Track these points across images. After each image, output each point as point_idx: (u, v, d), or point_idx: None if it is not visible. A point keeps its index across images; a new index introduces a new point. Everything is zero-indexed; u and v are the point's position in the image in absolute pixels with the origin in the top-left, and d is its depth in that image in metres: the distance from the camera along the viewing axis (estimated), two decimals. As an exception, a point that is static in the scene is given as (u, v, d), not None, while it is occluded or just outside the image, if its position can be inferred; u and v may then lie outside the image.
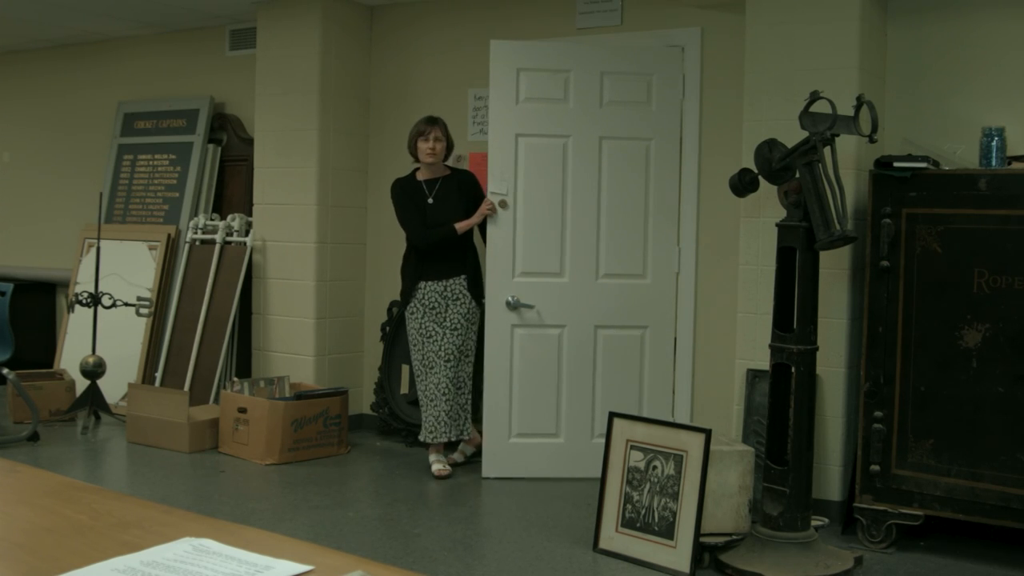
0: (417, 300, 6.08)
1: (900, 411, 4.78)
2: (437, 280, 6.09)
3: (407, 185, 6.20)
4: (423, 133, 6.07)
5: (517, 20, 6.65)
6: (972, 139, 5.06)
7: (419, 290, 6.08)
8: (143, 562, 1.58)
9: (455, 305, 6.08)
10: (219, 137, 7.90)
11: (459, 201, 6.11)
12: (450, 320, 6.06)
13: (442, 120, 6.18)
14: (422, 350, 6.07)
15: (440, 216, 6.06)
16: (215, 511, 5.15)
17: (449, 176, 6.20)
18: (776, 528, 4.47)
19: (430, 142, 6.05)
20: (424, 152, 6.07)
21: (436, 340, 6.03)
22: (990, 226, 4.57)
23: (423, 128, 6.09)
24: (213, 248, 7.37)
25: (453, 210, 6.07)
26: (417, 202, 6.12)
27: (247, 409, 6.39)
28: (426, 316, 6.07)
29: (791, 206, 4.50)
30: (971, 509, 4.64)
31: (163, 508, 1.92)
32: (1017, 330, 4.50)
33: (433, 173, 6.17)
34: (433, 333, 6.05)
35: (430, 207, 6.11)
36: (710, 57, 6.01)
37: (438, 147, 6.10)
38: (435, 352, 6.02)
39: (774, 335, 4.57)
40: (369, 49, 7.32)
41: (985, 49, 5.27)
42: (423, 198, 6.14)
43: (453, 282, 6.10)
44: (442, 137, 6.11)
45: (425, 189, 6.15)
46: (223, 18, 7.73)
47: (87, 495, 1.98)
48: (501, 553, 4.76)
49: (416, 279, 6.11)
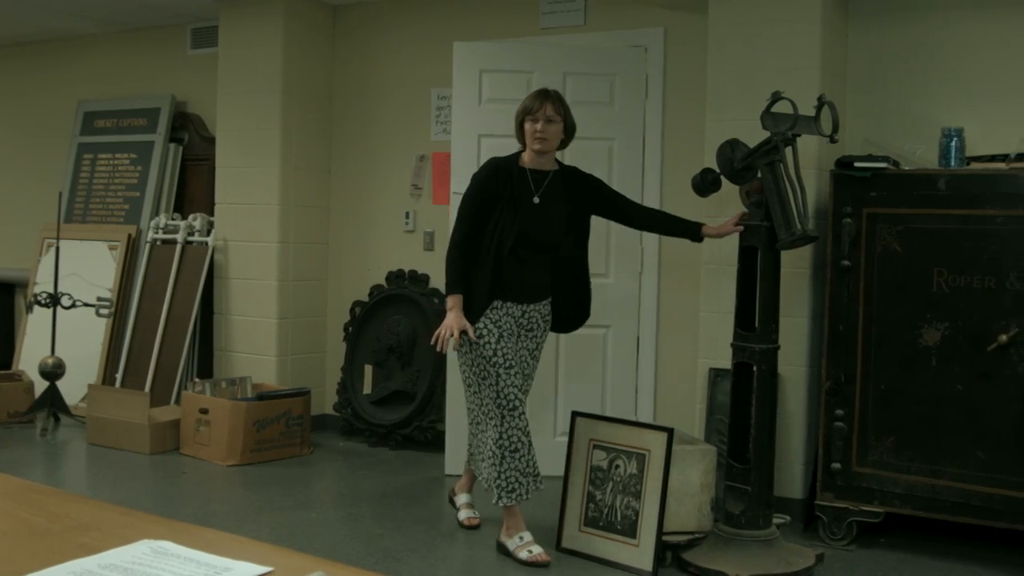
0: (490, 320, 4.66)
1: (861, 409, 4.81)
2: (516, 303, 4.74)
3: (505, 170, 4.72)
4: (531, 111, 4.68)
5: (481, 19, 6.65)
6: (932, 140, 5.10)
7: (494, 310, 4.68)
8: (100, 565, 1.56)
9: (527, 337, 4.82)
10: (180, 136, 7.85)
11: (564, 205, 4.78)
12: (517, 356, 4.72)
13: (557, 94, 4.77)
14: (496, 385, 4.59)
15: (542, 224, 4.70)
16: (176, 513, 5.11)
17: (558, 172, 4.83)
18: (738, 526, 4.49)
19: (540, 123, 4.65)
20: (531, 136, 4.68)
21: (517, 373, 4.65)
22: (949, 226, 4.61)
23: (531, 104, 4.70)
24: (174, 248, 7.32)
25: (557, 217, 4.75)
26: (518, 194, 4.68)
27: (209, 410, 6.34)
28: (502, 340, 4.64)
29: (753, 206, 4.52)
30: (931, 506, 4.68)
31: (122, 510, 1.90)
32: (976, 329, 4.55)
33: (543, 163, 4.78)
34: (514, 363, 4.64)
35: (535, 208, 4.69)
36: (673, 57, 6.03)
37: (551, 131, 4.68)
38: (517, 387, 4.61)
39: (736, 334, 4.59)
40: (332, 48, 7.29)
41: (945, 51, 5.32)
42: (527, 192, 4.71)
43: (533, 308, 4.80)
44: (557, 117, 4.69)
45: (531, 181, 4.76)
46: (185, 16, 7.68)
47: (44, 497, 1.96)
48: (465, 553, 4.76)
49: (491, 293, 4.68)
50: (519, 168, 4.74)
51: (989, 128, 5.13)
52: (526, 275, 4.71)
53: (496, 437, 4.58)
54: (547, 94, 4.73)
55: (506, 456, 4.55)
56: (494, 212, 4.67)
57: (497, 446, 4.57)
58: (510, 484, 4.57)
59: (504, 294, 4.68)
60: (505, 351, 4.61)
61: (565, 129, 4.74)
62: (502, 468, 4.57)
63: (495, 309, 4.67)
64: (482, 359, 4.62)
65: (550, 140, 4.68)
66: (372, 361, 6.91)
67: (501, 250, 4.64)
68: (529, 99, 4.73)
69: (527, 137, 4.71)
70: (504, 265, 4.65)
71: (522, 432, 4.57)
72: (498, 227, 4.65)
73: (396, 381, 6.78)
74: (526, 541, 4.60)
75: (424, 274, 6.90)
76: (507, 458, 4.55)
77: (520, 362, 4.70)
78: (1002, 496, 4.48)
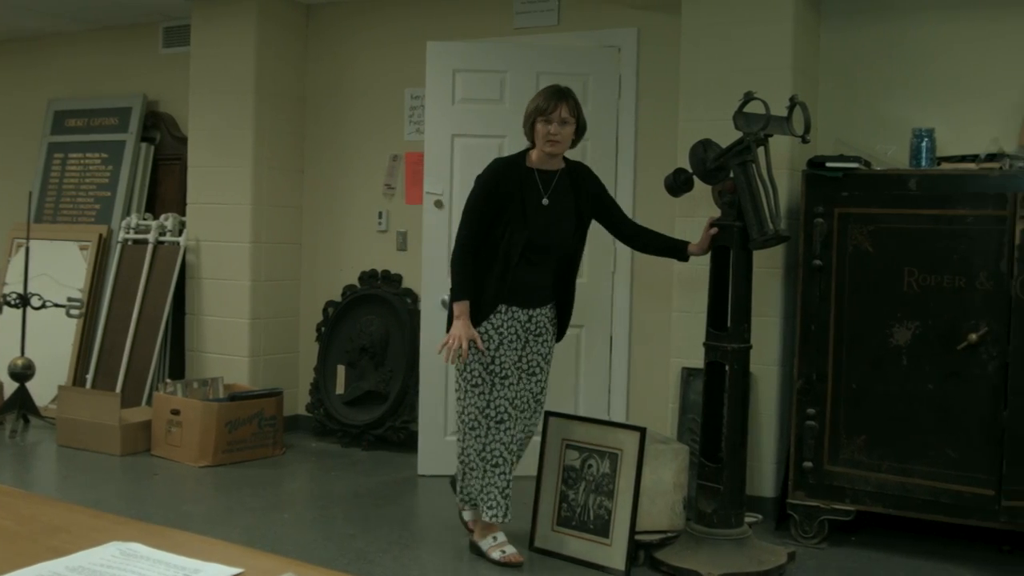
0: (492, 326, 4.53)
1: (832, 408, 4.84)
2: (522, 307, 4.59)
3: (514, 171, 4.55)
4: (545, 111, 4.44)
5: (454, 18, 6.64)
6: (903, 140, 5.14)
7: (498, 314, 4.54)
8: (69, 567, 1.55)
9: (535, 342, 4.66)
10: (152, 136, 7.81)
11: (572, 206, 4.62)
12: (527, 360, 4.64)
13: (572, 94, 4.54)
14: (488, 395, 4.50)
15: (552, 226, 4.55)
16: (147, 515, 5.08)
17: (564, 171, 4.64)
18: (710, 525, 4.51)
19: (553, 125, 4.44)
20: (543, 138, 4.46)
21: (512, 384, 4.53)
22: (920, 226, 4.64)
23: (547, 103, 4.45)
24: (146, 248, 7.27)
25: (566, 219, 4.59)
26: (526, 196, 4.50)
27: (180, 411, 6.31)
28: (502, 348, 4.53)
29: (725, 206, 4.54)
30: (902, 504, 4.70)
31: (91, 512, 1.88)
32: (946, 328, 4.57)
33: (551, 163, 4.59)
34: (509, 374, 4.52)
35: (543, 209, 4.53)
36: (646, 57, 6.05)
37: (565, 133, 4.48)
38: (508, 400, 4.51)
39: (709, 333, 4.60)
40: (305, 47, 7.26)
41: (916, 52, 5.35)
42: (536, 194, 4.53)
43: (539, 313, 4.63)
44: (571, 118, 4.48)
45: (539, 182, 4.58)
46: (157, 15, 7.64)
47: (13, 500, 1.94)
48: (437, 553, 4.75)
49: (498, 297, 4.52)
50: (527, 168, 4.55)
51: (959, 129, 5.16)
52: (533, 279, 4.56)
53: (479, 449, 4.51)
54: (562, 94, 4.49)
55: (488, 470, 4.49)
56: (502, 215, 4.47)
57: (480, 458, 4.51)
58: (490, 500, 4.50)
59: (510, 298, 4.52)
60: (503, 360, 4.49)
61: (577, 129, 4.55)
62: (484, 482, 4.51)
63: (499, 314, 4.51)
64: (479, 364, 4.49)
65: (563, 143, 4.50)
66: (345, 361, 6.89)
67: (511, 254, 4.46)
68: (542, 98, 4.48)
69: (538, 138, 4.49)
70: (513, 269, 4.49)
71: (505, 447, 4.48)
72: (507, 230, 4.46)
73: (369, 381, 6.76)
74: (499, 541, 4.59)
75: (397, 274, 6.89)
76: (488, 472, 4.49)
77: (516, 372, 4.55)
78: (972, 494, 4.51)
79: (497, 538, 4.60)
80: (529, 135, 4.56)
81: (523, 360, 4.62)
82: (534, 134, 4.52)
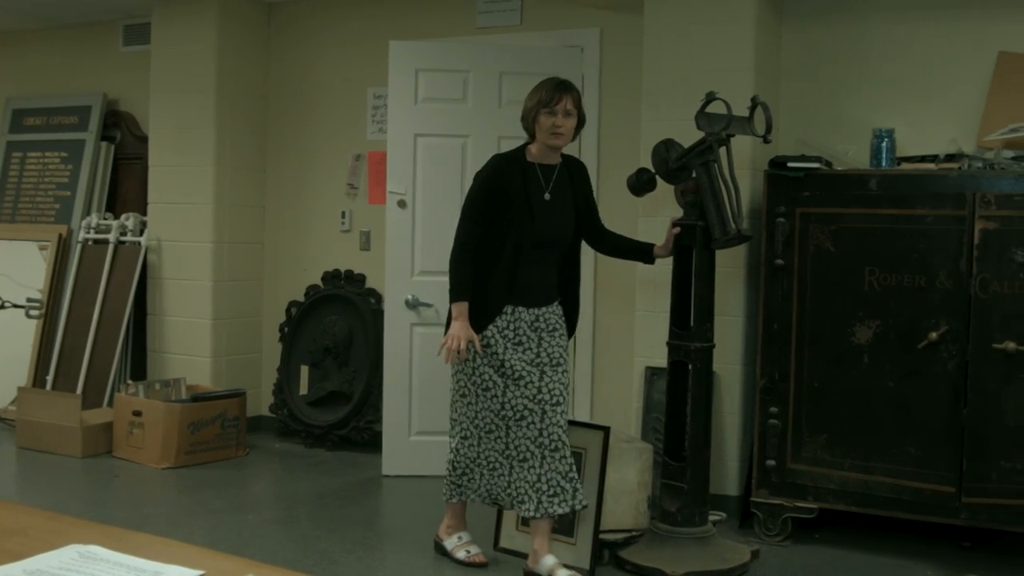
0: (498, 329, 4.37)
1: (795, 407, 4.86)
2: (528, 307, 4.44)
3: (516, 166, 4.41)
4: (548, 103, 4.29)
5: (417, 17, 6.63)
6: (863, 140, 5.17)
7: (504, 315, 4.39)
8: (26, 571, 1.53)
9: (551, 338, 4.46)
10: (112, 135, 7.74)
11: (571, 200, 4.52)
12: (547, 353, 4.41)
13: (573, 85, 4.41)
14: (503, 397, 4.32)
15: (554, 221, 4.43)
16: (108, 517, 5.04)
17: (562, 165, 4.51)
18: (674, 523, 4.53)
19: (558, 117, 4.30)
20: (548, 131, 4.31)
21: (528, 383, 4.31)
22: (880, 225, 4.68)
23: (550, 95, 4.31)
24: (106, 248, 7.21)
25: (568, 214, 4.49)
26: (530, 192, 4.37)
27: (142, 412, 6.26)
28: (509, 351, 4.36)
29: (688, 205, 4.55)
30: (864, 501, 4.74)
31: (49, 515, 1.87)
32: (906, 326, 4.61)
33: (550, 158, 4.45)
34: (524, 375, 4.32)
35: (545, 204, 4.40)
36: (609, 57, 6.06)
37: (568, 125, 4.34)
38: (528, 398, 4.29)
39: (672, 333, 4.62)
40: (267, 46, 7.23)
41: (876, 52, 5.39)
42: (538, 189, 4.40)
43: (547, 311, 4.48)
44: (574, 111, 4.35)
45: (541, 177, 4.45)
46: (116, 13, 7.57)
47: (-31, 503, 1.92)
48: (402, 554, 4.74)
49: (504, 299, 4.37)
50: (528, 163, 4.42)
51: (919, 129, 5.21)
52: (538, 277, 4.43)
53: (502, 448, 4.37)
54: (565, 86, 4.35)
55: (515, 466, 4.33)
56: (505, 212, 4.33)
57: (504, 456, 4.37)
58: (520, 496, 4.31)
59: (515, 299, 4.37)
60: (513, 363, 4.32)
61: (578, 123, 4.42)
62: (512, 479, 4.36)
63: (504, 316, 4.36)
64: (489, 368, 4.34)
65: (567, 135, 4.36)
66: (308, 362, 6.87)
67: (519, 253, 4.34)
68: (546, 90, 4.32)
69: (542, 131, 4.32)
70: (520, 268, 4.36)
71: (531, 442, 4.28)
72: (512, 228, 4.33)
73: (332, 382, 6.74)
74: (464, 541, 4.59)
75: (360, 274, 6.87)
76: (515, 468, 4.33)
77: (537, 369, 4.34)
78: (932, 491, 4.56)
79: (462, 537, 4.60)
80: (530, 129, 4.39)
81: (542, 355, 4.40)
82: (536, 127, 4.35)
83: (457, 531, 4.62)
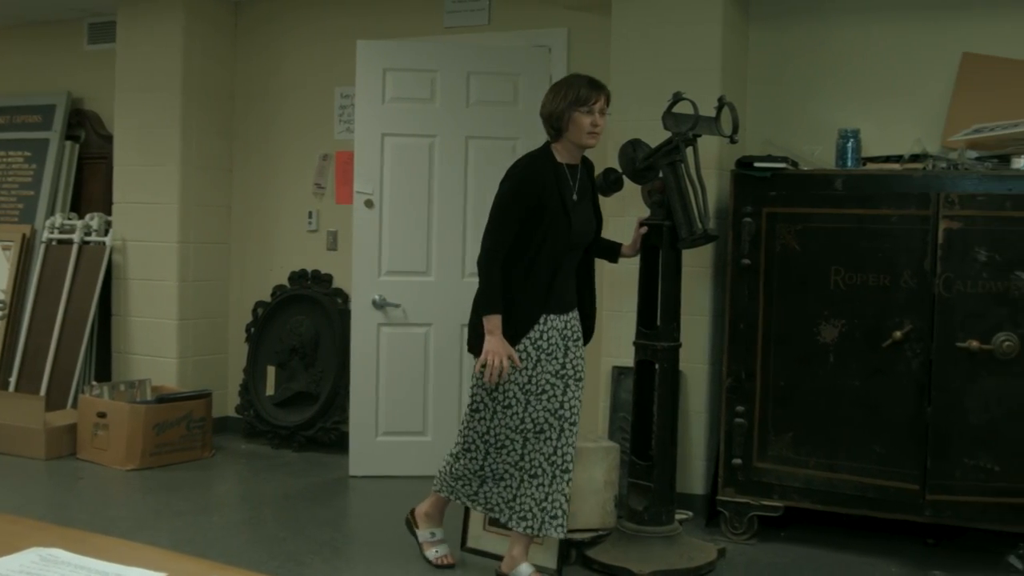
0: (531, 340, 4.15)
1: (761, 405, 4.89)
2: (559, 313, 4.24)
3: (548, 166, 4.21)
4: (587, 102, 4.12)
5: (385, 17, 6.61)
6: (829, 140, 5.20)
7: (539, 325, 4.17)
8: (-14, 574, 1.52)
9: (575, 348, 4.30)
10: (77, 134, 7.68)
11: (592, 200, 4.39)
12: (572, 366, 4.25)
13: (606, 86, 4.28)
14: (523, 412, 4.15)
15: (584, 224, 4.27)
16: (71, 520, 4.99)
17: (581, 164, 4.34)
18: (641, 523, 4.54)
19: (596, 116, 4.14)
20: (584, 130, 4.13)
21: (552, 396, 4.17)
22: (846, 225, 4.70)
23: (587, 94, 4.13)
24: (71, 248, 7.15)
25: (590, 216, 4.35)
26: (563, 194, 4.18)
27: (107, 413, 6.22)
28: (540, 364, 4.17)
29: (655, 205, 4.56)
30: (829, 499, 4.77)
31: (10, 518, 1.85)
32: (871, 326, 4.64)
33: (575, 158, 4.28)
34: (548, 388, 4.17)
35: (575, 206, 4.22)
36: (577, 58, 6.07)
37: (602, 124, 4.19)
38: (550, 412, 4.16)
39: (638, 332, 4.63)
40: (234, 45, 7.19)
41: (842, 53, 5.43)
42: (569, 191, 4.21)
43: (572, 317, 4.31)
44: (606, 109, 4.23)
45: (569, 178, 4.25)
46: (81, 11, 7.51)
47: (-71, 505, 1.90)
48: (369, 555, 4.73)
49: (540, 308, 4.16)
50: (558, 163, 4.22)
51: (884, 129, 5.24)
52: (567, 281, 4.26)
53: (515, 460, 4.20)
54: (599, 85, 4.20)
55: (525, 480, 4.18)
56: (540, 215, 4.11)
57: (518, 469, 4.21)
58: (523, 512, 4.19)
59: (550, 307, 4.18)
60: (539, 378, 4.15)
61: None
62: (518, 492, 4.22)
63: (538, 326, 4.15)
64: (514, 385, 4.13)
65: (600, 135, 4.22)
66: (275, 362, 6.84)
67: (555, 259, 4.15)
68: (583, 88, 4.15)
69: (578, 131, 4.13)
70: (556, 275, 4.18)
71: (544, 458, 4.15)
72: (548, 232, 4.12)
73: (299, 382, 6.72)
74: (436, 539, 4.55)
75: (327, 274, 6.85)
76: (525, 482, 4.18)
77: (561, 382, 4.19)
78: (896, 488, 4.59)
79: (435, 534, 4.56)
80: (558, 127, 4.18)
81: (567, 367, 4.23)
82: (568, 126, 4.14)
83: (431, 525, 4.56)
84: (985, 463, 4.46)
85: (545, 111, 4.23)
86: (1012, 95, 5.02)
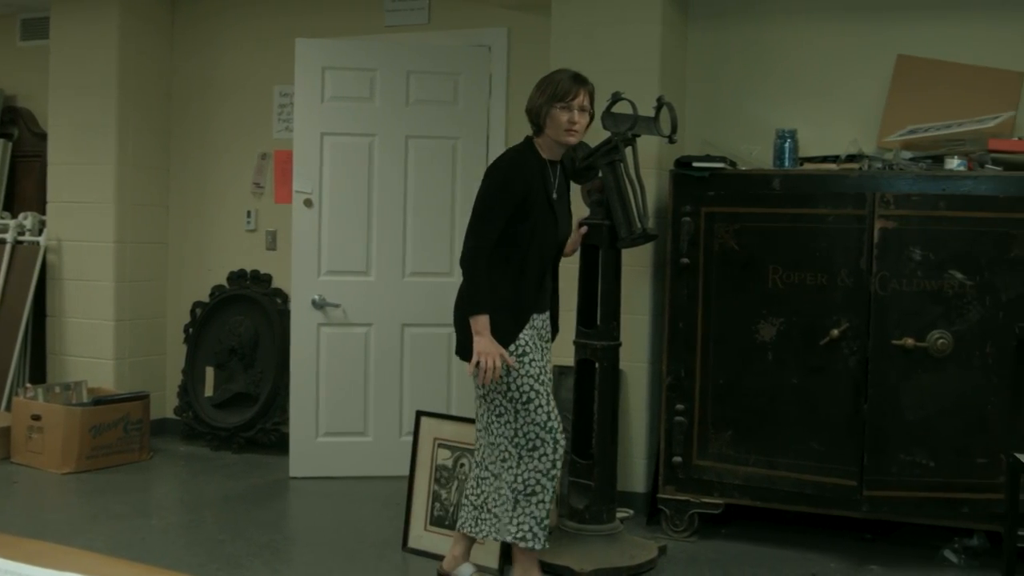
0: (527, 337, 4.08)
1: (701, 404, 4.92)
2: (539, 313, 4.19)
3: (534, 161, 4.14)
4: (564, 96, 4.05)
5: (325, 15, 6.58)
6: (767, 140, 5.25)
7: (531, 323, 4.11)
8: (-84, 582, 1.49)
9: (547, 348, 4.29)
10: (9, 132, 7.56)
11: (568, 197, 4.35)
12: (549, 368, 4.25)
13: (590, 81, 4.18)
14: (548, 406, 4.08)
15: (565, 221, 4.29)
16: (5, 525, 4.91)
17: (559, 161, 4.29)
18: (582, 521, 4.55)
19: (574, 112, 4.07)
20: (562, 127, 4.07)
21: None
22: (783, 224, 4.75)
23: (568, 87, 4.07)
24: (3, 248, 7.04)
25: (568, 213, 4.35)
26: (548, 190, 4.13)
27: (41, 416, 6.12)
28: (536, 360, 4.09)
29: (594, 204, 4.58)
30: (768, 496, 4.81)
31: (-59, 524, 1.82)
32: (809, 324, 4.69)
33: (555, 154, 4.21)
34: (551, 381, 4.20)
35: (555, 203, 4.18)
36: (517, 57, 6.08)
37: (583, 122, 4.11)
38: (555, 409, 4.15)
39: (578, 331, 4.65)
40: (171, 42, 7.11)
41: (779, 54, 5.49)
42: (552, 187, 4.17)
43: (546, 316, 4.28)
44: (588, 106, 4.13)
45: (551, 174, 4.19)
46: (14, 6, 7.40)
47: None
48: (309, 556, 4.70)
49: (531, 307, 4.11)
50: (543, 159, 4.16)
51: (821, 129, 5.31)
52: (543, 281, 4.18)
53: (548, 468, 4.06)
54: (582, 80, 4.11)
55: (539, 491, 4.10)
56: (527, 211, 4.04)
57: (548, 478, 4.07)
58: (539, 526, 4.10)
59: (539, 305, 4.16)
60: (543, 370, 4.09)
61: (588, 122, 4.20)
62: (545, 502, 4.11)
63: (531, 322, 4.11)
64: (530, 379, 4.03)
65: (581, 132, 4.13)
66: (214, 363, 6.78)
67: (544, 257, 4.12)
68: (562, 83, 4.07)
69: (555, 127, 4.07)
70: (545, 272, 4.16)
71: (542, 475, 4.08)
72: (536, 228, 4.07)
73: (238, 383, 6.67)
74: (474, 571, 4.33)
75: (267, 274, 6.80)
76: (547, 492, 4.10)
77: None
78: (834, 484, 4.64)
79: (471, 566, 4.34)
80: (538, 123, 4.13)
81: (547, 368, 4.19)
82: (547, 122, 4.08)
83: (462, 561, 4.31)
84: (920, 459, 4.53)
85: (527, 106, 4.18)
86: (945, 96, 5.10)
